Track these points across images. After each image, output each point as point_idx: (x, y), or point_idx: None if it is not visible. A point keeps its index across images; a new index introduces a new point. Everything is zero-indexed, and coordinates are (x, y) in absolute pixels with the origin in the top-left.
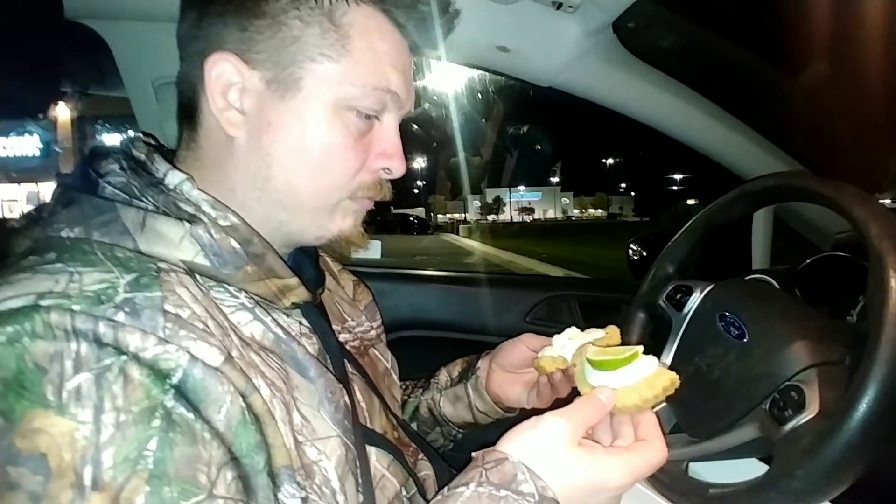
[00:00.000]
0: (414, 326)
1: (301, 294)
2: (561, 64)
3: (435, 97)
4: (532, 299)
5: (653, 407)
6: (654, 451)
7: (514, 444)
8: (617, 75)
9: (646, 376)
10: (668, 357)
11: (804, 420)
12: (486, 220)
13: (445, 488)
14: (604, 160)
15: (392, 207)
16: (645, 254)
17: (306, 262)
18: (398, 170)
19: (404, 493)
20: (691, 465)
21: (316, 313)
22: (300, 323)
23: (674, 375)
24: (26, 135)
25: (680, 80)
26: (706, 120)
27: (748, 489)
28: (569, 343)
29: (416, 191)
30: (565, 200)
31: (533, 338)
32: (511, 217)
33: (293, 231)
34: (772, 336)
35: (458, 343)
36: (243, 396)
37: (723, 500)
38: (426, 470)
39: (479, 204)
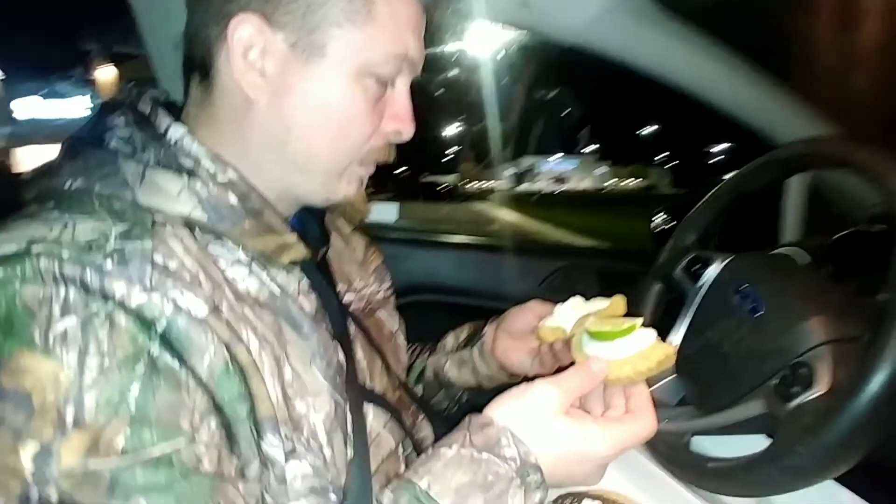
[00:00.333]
0: (428, 291)
1: (299, 252)
2: (585, 20)
3: (467, 62)
4: (548, 268)
5: (648, 380)
6: (642, 423)
7: (501, 409)
8: (645, 33)
9: (642, 349)
10: (679, 330)
11: (810, 397)
12: (518, 189)
13: (430, 448)
14: (642, 130)
15: (422, 175)
16: (670, 225)
17: (312, 221)
18: (408, 132)
19: (401, 451)
20: (695, 438)
21: (316, 272)
22: (300, 281)
23: (670, 349)
24: (74, 96)
25: (713, 39)
26: (743, 83)
27: (746, 464)
28: (571, 313)
29: (446, 159)
30: (601, 171)
31: (539, 305)
32: (543, 187)
33: (302, 193)
34: (787, 311)
35: (472, 309)
36: (227, 347)
37: (720, 473)
38: (426, 431)
39: (511, 172)
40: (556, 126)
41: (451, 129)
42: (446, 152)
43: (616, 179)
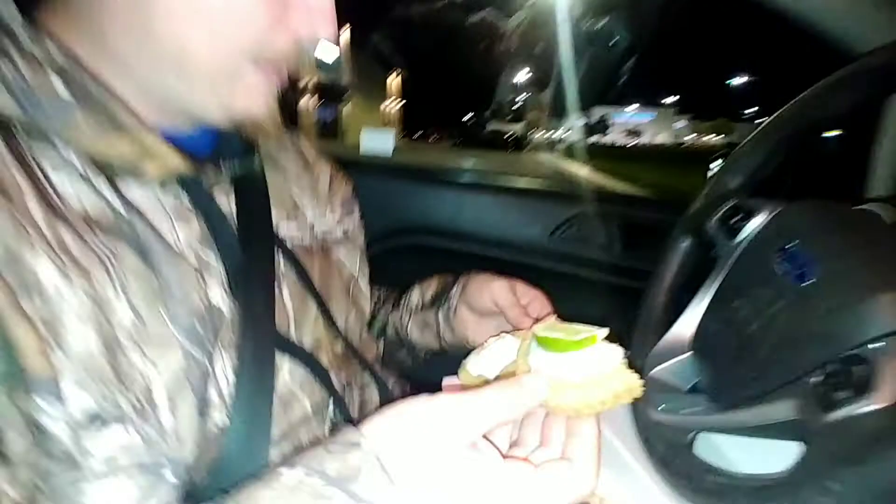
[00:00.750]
0: (424, 233)
1: (171, 163)
2: None
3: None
4: (562, 213)
5: (598, 413)
6: (573, 479)
7: (381, 427)
8: None
9: (601, 371)
10: (704, 298)
11: (862, 409)
12: (588, 140)
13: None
14: (729, 81)
15: (487, 123)
16: None
17: (234, 138)
18: (323, 30)
19: (328, 414)
20: (702, 437)
21: (203, 192)
22: (177, 200)
23: (635, 381)
24: None
25: None
26: None
27: (754, 490)
28: (497, 359)
29: (514, 106)
30: (680, 124)
31: (502, 290)
32: (616, 139)
33: (191, 106)
34: (848, 282)
35: (472, 257)
36: None
37: (719, 493)
38: (371, 393)
39: (581, 123)
40: (632, 74)
41: (521, 75)
42: (515, 99)
43: (696, 135)
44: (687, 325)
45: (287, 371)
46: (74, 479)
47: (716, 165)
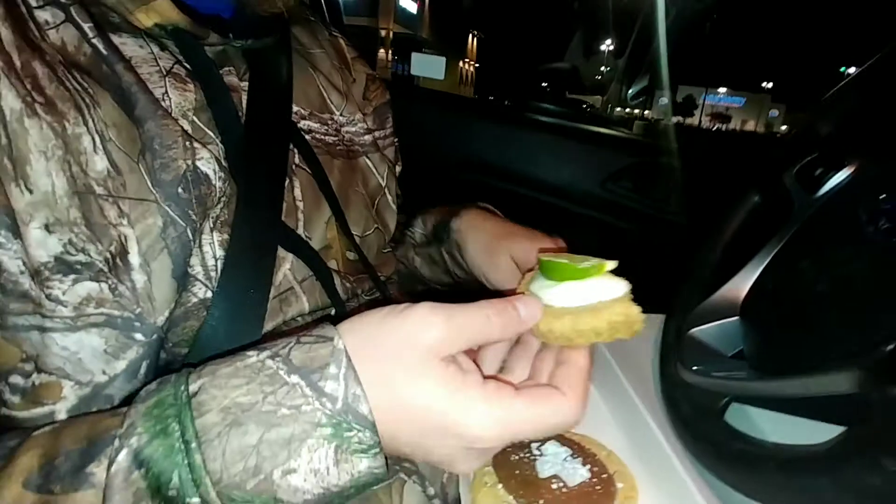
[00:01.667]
0: (468, 168)
1: (166, 12)
2: None
3: None
4: (617, 161)
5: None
6: (558, 408)
7: (357, 329)
8: None
9: (598, 301)
10: (765, 258)
11: None
12: (671, 121)
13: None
14: (833, 70)
15: (567, 92)
16: None
17: (254, 15)
18: None
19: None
20: (735, 407)
21: (204, 55)
22: (178, 62)
23: (637, 314)
24: None
25: None
26: None
27: (787, 462)
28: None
29: (598, 77)
30: (773, 112)
31: (509, 264)
32: (700, 121)
33: None
34: None
35: (517, 197)
36: None
37: (747, 461)
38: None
39: (665, 101)
40: (726, 54)
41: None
42: (597, 70)
43: (788, 127)
44: (739, 286)
45: (289, 266)
46: (40, 324)
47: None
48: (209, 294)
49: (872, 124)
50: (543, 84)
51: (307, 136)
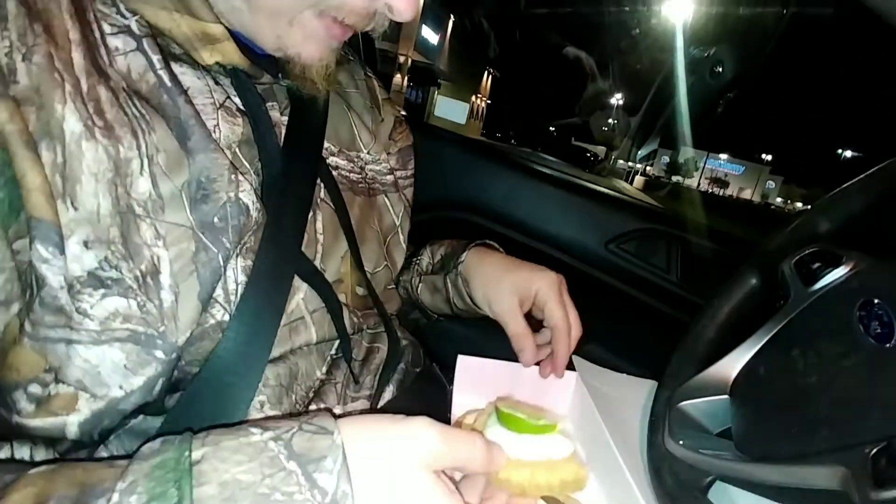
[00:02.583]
0: (474, 211)
1: (229, 54)
2: None
3: (650, 32)
4: (622, 225)
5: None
6: None
7: (358, 429)
8: None
9: (550, 457)
10: (757, 342)
11: None
12: (670, 179)
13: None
14: (832, 152)
15: (573, 139)
16: None
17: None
18: (402, 12)
19: (332, 352)
20: (718, 486)
21: (256, 92)
22: (229, 96)
23: (583, 472)
24: None
25: None
26: None
27: None
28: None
29: (605, 128)
30: (770, 184)
31: (510, 297)
32: (699, 184)
33: (248, 27)
34: None
35: (519, 246)
36: None
37: None
38: (382, 344)
39: (666, 160)
40: (730, 122)
41: (615, 99)
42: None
43: (785, 199)
44: (730, 366)
45: (302, 295)
46: (67, 336)
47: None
48: (227, 317)
49: (872, 228)
50: (551, 128)
51: (334, 172)
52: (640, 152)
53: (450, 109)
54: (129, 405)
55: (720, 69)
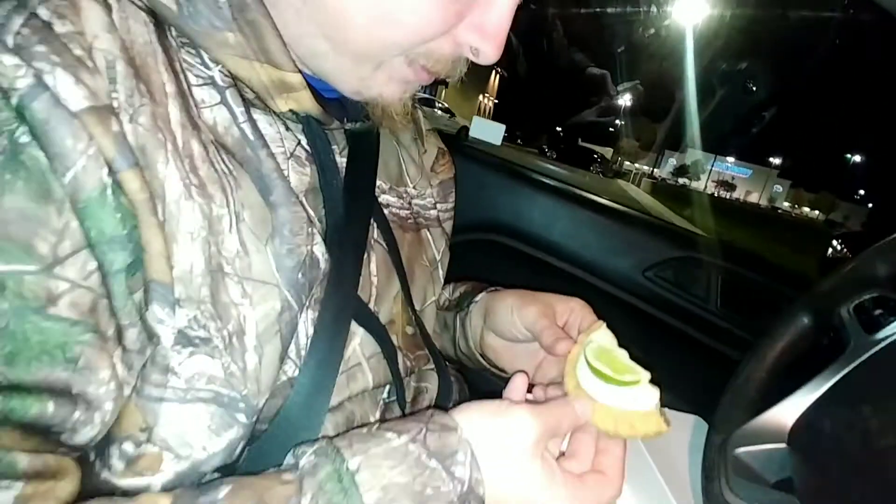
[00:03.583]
0: (510, 234)
1: (304, 102)
2: None
3: (663, 34)
4: (660, 252)
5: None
6: (608, 487)
7: (472, 421)
8: None
9: (635, 409)
10: (816, 390)
11: None
12: (676, 182)
13: (377, 425)
14: (846, 154)
15: (580, 139)
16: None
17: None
18: (489, 56)
19: (383, 396)
20: None
21: (324, 138)
22: (299, 143)
23: (663, 425)
24: None
25: None
26: None
27: None
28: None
29: (611, 129)
30: (777, 188)
31: (534, 315)
32: (706, 187)
33: (328, 70)
34: None
35: (554, 271)
36: (111, 168)
37: None
38: (429, 383)
39: (672, 162)
40: (737, 126)
41: (623, 101)
42: (613, 121)
43: (792, 203)
44: (787, 413)
45: (359, 341)
46: (161, 395)
47: (839, 238)
48: (297, 373)
49: None
50: (558, 129)
51: (385, 210)
52: (648, 156)
53: (485, 130)
54: (209, 467)
55: (731, 80)
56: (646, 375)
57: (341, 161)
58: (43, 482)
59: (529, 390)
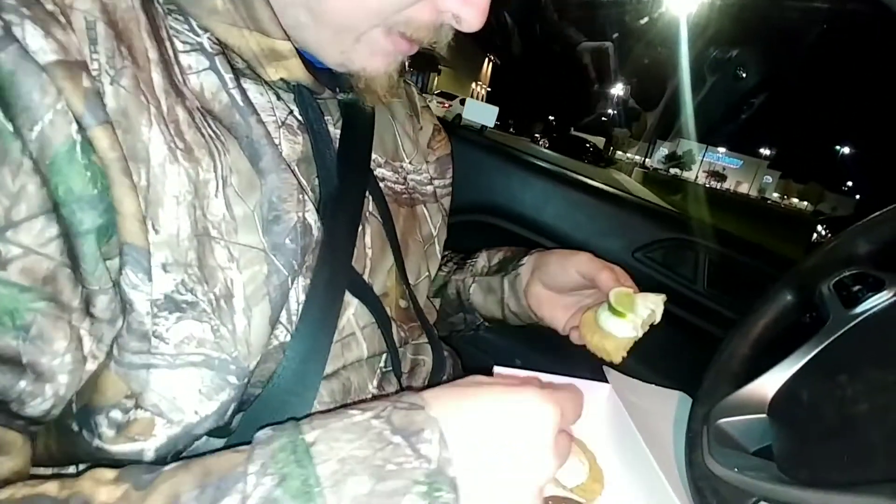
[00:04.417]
0: (502, 215)
1: (294, 70)
2: None
3: (655, 23)
4: (650, 234)
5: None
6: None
7: (442, 400)
8: None
9: (615, 334)
10: (796, 363)
11: None
12: (667, 172)
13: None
14: (835, 146)
15: (572, 128)
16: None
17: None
18: (472, 22)
19: (379, 365)
20: None
21: (317, 109)
22: (291, 112)
23: (618, 357)
24: None
25: None
26: None
27: None
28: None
29: (604, 118)
30: (767, 179)
31: (590, 262)
32: (696, 177)
33: (311, 42)
34: None
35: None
36: (79, 122)
37: None
38: (425, 356)
39: (664, 152)
40: (729, 117)
41: (615, 91)
42: (605, 111)
43: (781, 194)
44: (768, 385)
45: (353, 311)
46: (147, 361)
47: (824, 222)
48: (289, 338)
49: None
50: (550, 118)
51: (381, 184)
52: (639, 146)
53: (479, 113)
54: (202, 429)
55: (742, 72)
56: (638, 317)
57: (335, 132)
58: None
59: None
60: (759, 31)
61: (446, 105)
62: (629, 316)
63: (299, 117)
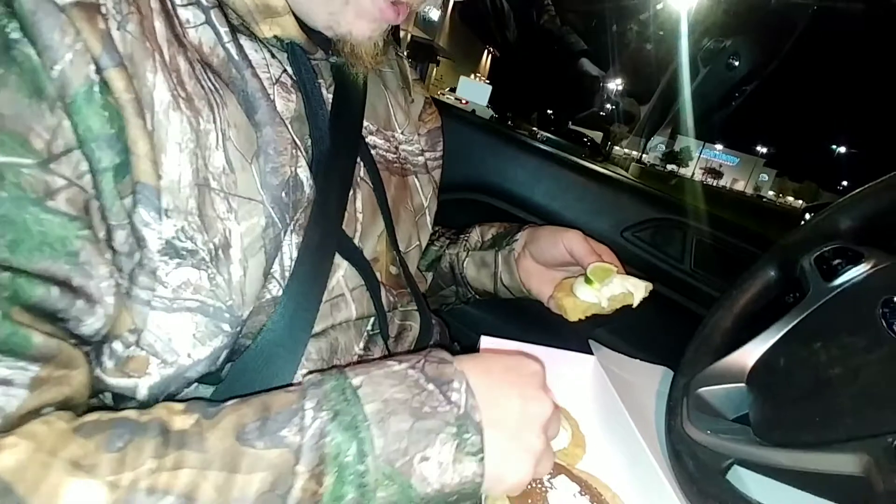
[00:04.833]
0: (494, 194)
1: (288, 28)
2: None
3: (656, 18)
4: (639, 213)
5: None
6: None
7: (466, 359)
8: None
9: (583, 298)
10: (775, 334)
11: None
12: (664, 168)
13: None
14: (831, 146)
15: (570, 122)
16: None
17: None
18: None
19: (368, 328)
20: (736, 469)
21: (310, 69)
22: (284, 70)
23: (575, 316)
24: None
25: None
26: None
27: None
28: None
29: (602, 113)
30: (763, 177)
31: (578, 240)
32: (693, 174)
33: (302, 3)
34: None
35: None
36: (98, 66)
37: None
38: (413, 322)
39: (662, 148)
40: (729, 113)
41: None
42: (602, 108)
43: (777, 193)
44: (748, 355)
45: (343, 273)
46: (149, 299)
47: (811, 209)
48: (280, 292)
49: (893, 227)
50: (549, 111)
51: (372, 151)
52: (637, 141)
53: (471, 91)
54: (194, 373)
55: (735, 62)
56: (608, 290)
57: (328, 96)
58: (57, 368)
59: None
60: (755, 23)
61: (464, 102)
62: (596, 285)
63: (293, 76)
